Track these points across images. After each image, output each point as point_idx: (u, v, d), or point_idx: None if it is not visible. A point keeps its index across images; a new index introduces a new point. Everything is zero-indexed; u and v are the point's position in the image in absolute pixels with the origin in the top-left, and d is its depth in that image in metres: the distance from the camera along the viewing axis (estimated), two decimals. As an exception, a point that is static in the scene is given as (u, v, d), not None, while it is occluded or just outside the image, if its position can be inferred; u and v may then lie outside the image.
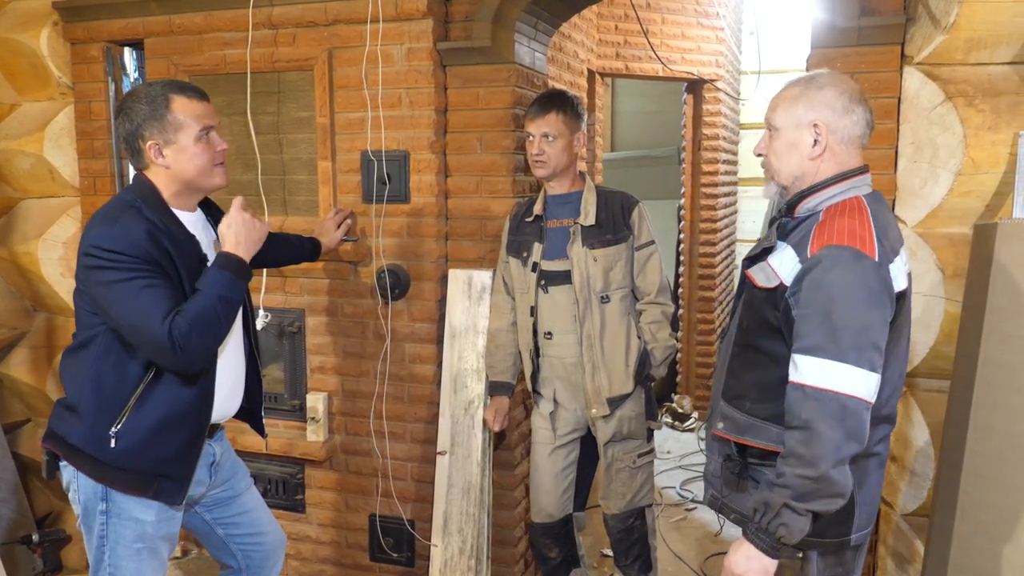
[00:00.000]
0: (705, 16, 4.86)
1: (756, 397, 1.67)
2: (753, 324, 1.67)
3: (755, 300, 1.66)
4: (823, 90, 1.62)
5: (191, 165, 1.87)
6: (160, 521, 1.89)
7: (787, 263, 1.60)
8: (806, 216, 1.65)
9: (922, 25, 2.19)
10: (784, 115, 1.65)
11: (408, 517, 2.88)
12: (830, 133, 1.62)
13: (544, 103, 2.47)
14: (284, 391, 2.98)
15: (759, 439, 1.67)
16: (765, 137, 1.71)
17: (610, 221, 2.48)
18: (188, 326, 1.74)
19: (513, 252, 2.56)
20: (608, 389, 2.48)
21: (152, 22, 2.95)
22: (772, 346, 1.64)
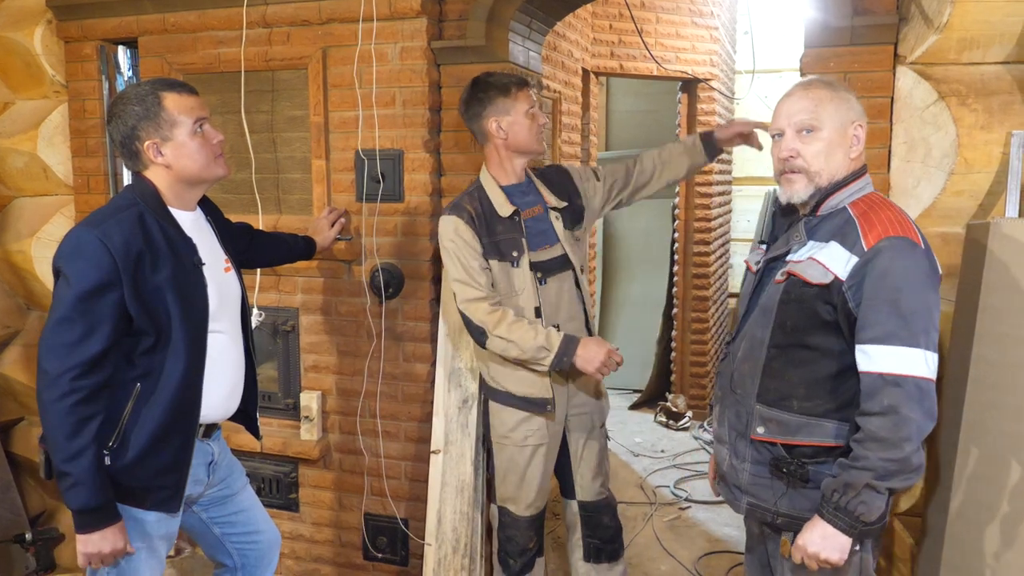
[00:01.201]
0: (699, 15, 4.86)
1: (805, 395, 1.68)
2: (801, 322, 1.67)
3: (804, 297, 1.66)
4: (847, 93, 1.70)
5: (191, 160, 1.87)
6: (159, 520, 1.89)
7: (837, 257, 1.62)
8: (829, 213, 1.69)
9: (915, 25, 2.20)
10: (830, 116, 1.68)
11: (402, 516, 2.89)
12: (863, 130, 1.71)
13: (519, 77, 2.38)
14: (278, 390, 2.98)
15: (814, 437, 1.68)
16: (794, 137, 1.70)
17: (568, 197, 2.44)
18: (69, 405, 1.70)
19: (495, 256, 2.34)
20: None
21: (146, 20, 2.95)
22: (824, 341, 1.66)
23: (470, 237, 2.31)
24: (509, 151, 2.36)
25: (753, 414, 1.75)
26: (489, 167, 2.42)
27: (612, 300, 6.18)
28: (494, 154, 2.39)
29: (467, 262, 2.30)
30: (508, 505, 2.52)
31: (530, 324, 2.26)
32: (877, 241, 1.58)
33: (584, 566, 2.60)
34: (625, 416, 5.46)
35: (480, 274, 2.31)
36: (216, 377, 1.94)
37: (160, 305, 1.80)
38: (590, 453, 2.53)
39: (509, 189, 2.39)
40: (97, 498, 1.73)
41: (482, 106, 2.33)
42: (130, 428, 1.80)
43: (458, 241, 2.31)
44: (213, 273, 1.94)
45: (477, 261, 2.31)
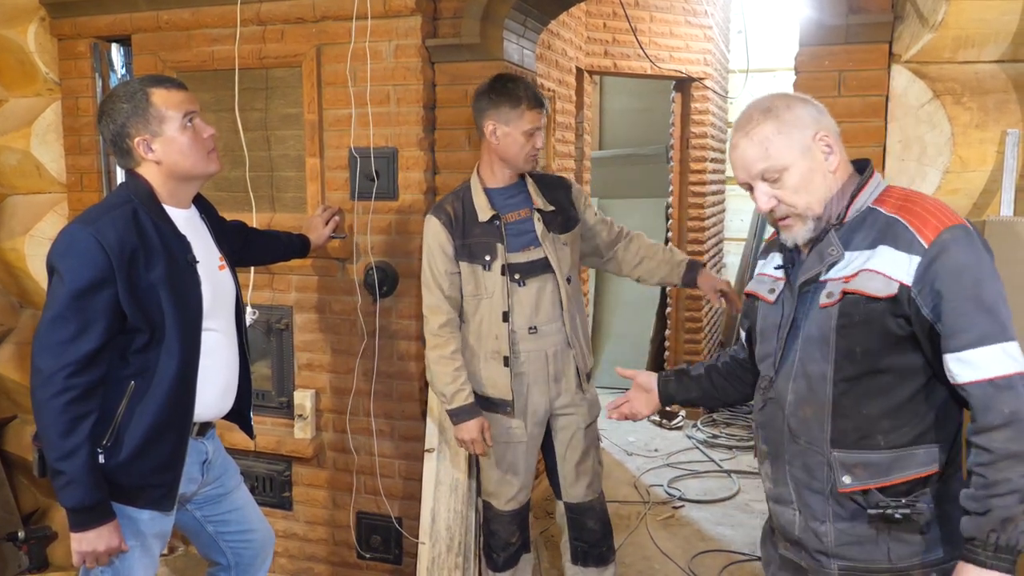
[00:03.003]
0: (693, 14, 4.87)
1: (890, 427, 1.47)
2: (872, 344, 1.46)
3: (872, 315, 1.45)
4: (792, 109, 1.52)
5: (181, 155, 1.86)
6: (153, 519, 1.88)
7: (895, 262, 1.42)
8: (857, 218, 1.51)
9: (910, 23, 2.21)
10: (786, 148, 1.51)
11: (396, 514, 2.88)
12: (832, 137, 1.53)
13: (537, 94, 2.37)
14: (272, 388, 2.97)
15: (909, 470, 1.46)
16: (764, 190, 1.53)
17: (560, 204, 2.48)
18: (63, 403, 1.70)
19: (466, 258, 2.38)
20: (585, 365, 2.52)
21: (140, 18, 2.94)
22: (901, 360, 1.46)
23: (444, 240, 2.38)
24: (497, 157, 2.39)
25: (832, 464, 1.50)
26: (480, 166, 2.44)
27: (606, 299, 6.18)
28: (486, 154, 2.42)
29: (435, 266, 2.39)
30: (491, 500, 2.55)
31: (456, 369, 2.37)
32: (937, 235, 1.40)
33: (572, 568, 2.61)
34: (619, 415, 5.46)
35: (444, 278, 2.39)
36: (210, 375, 1.93)
37: (154, 303, 1.79)
38: (573, 454, 2.53)
39: (494, 192, 2.42)
40: (91, 496, 1.72)
41: (488, 106, 2.34)
42: (124, 426, 1.80)
43: (432, 244, 2.39)
44: (207, 271, 1.93)
45: (445, 265, 2.39)
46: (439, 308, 2.39)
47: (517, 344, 2.42)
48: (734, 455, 4.62)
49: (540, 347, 2.45)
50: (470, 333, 2.44)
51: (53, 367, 1.69)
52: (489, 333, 2.41)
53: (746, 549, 3.47)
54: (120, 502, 1.81)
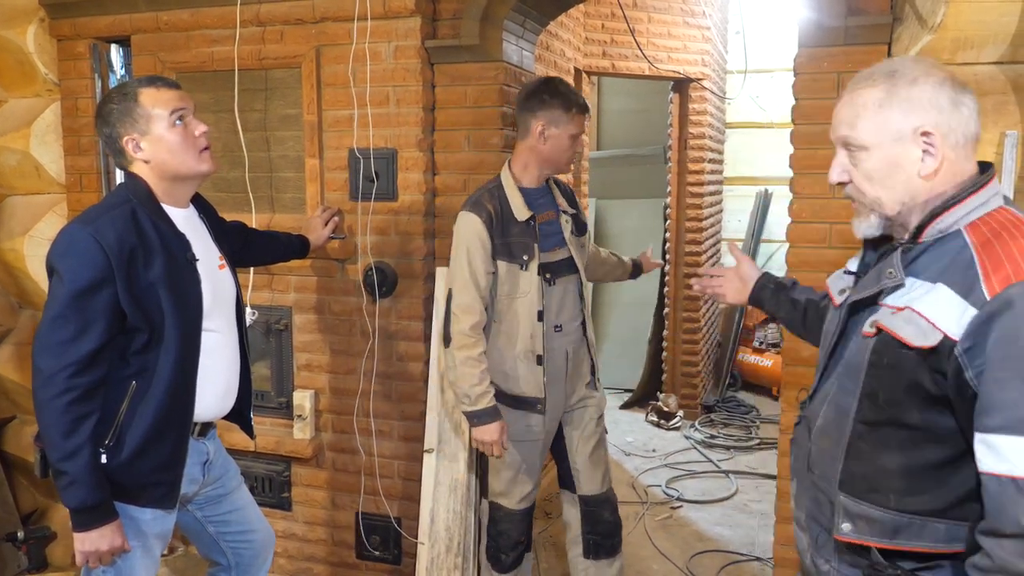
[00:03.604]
0: (691, 15, 4.88)
1: (905, 488, 1.27)
2: (897, 394, 1.26)
3: (902, 362, 1.24)
4: (918, 85, 1.24)
5: (170, 154, 1.86)
6: (155, 519, 1.89)
7: (948, 308, 1.18)
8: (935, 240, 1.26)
9: (909, 25, 2.21)
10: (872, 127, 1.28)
11: (395, 515, 2.89)
12: (943, 139, 1.24)
13: (584, 101, 2.46)
14: (271, 389, 2.98)
15: (921, 541, 1.27)
16: (842, 160, 1.34)
17: (574, 205, 2.58)
18: (65, 403, 1.70)
19: (505, 257, 2.37)
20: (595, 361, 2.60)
21: (139, 19, 2.94)
22: (929, 419, 1.24)
23: (485, 238, 2.34)
24: (539, 158, 2.41)
25: (836, 506, 1.34)
26: (513, 165, 2.45)
27: (604, 300, 6.19)
28: (524, 154, 2.43)
29: (475, 264, 2.33)
30: (500, 500, 2.54)
31: (482, 372, 2.33)
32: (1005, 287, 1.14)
33: (583, 562, 2.61)
34: (617, 415, 5.47)
35: (483, 278, 2.35)
36: (211, 376, 1.94)
37: (154, 302, 1.80)
38: (586, 446, 2.56)
39: (528, 192, 2.43)
40: (94, 496, 1.73)
41: (539, 106, 2.37)
42: (126, 426, 1.80)
43: (474, 241, 2.34)
44: (207, 270, 1.93)
45: (485, 264, 2.35)
46: (473, 308, 2.33)
47: (547, 341, 2.43)
48: (732, 455, 4.63)
49: (562, 345, 2.48)
50: (500, 333, 2.41)
51: (54, 368, 1.70)
52: (523, 333, 2.40)
53: (744, 549, 3.48)
54: (122, 501, 1.81)
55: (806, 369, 2.49)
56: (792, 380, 2.53)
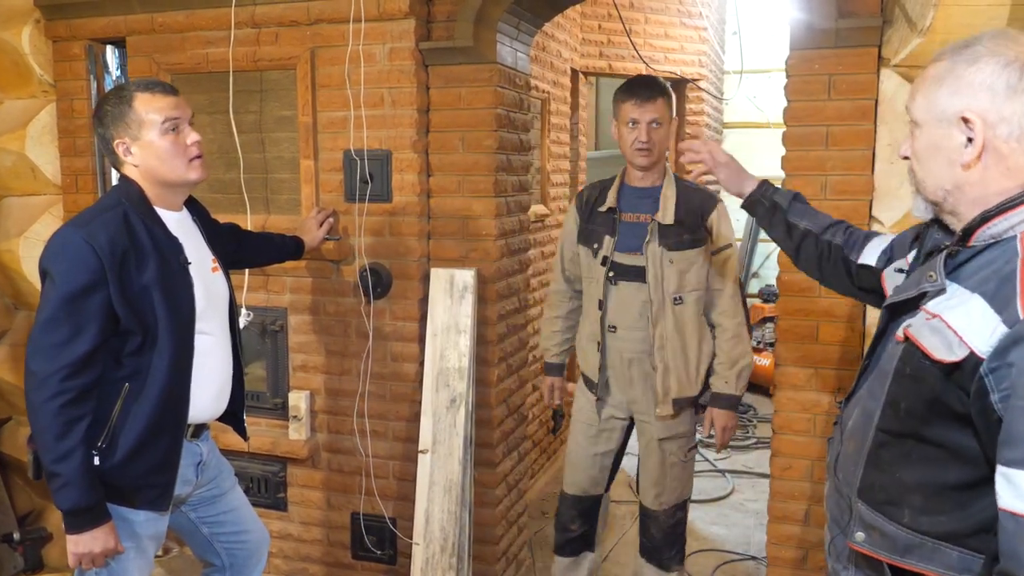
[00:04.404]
0: (688, 16, 4.89)
1: (923, 506, 1.19)
2: (918, 407, 1.17)
3: (924, 375, 1.15)
4: (977, 63, 1.12)
5: (159, 160, 1.87)
6: (148, 521, 1.89)
7: (979, 322, 1.08)
8: (987, 246, 1.15)
9: (899, 28, 2.22)
10: (924, 104, 1.18)
11: (390, 515, 2.90)
12: (989, 128, 1.12)
13: (650, 87, 2.42)
14: (266, 390, 2.98)
15: (932, 564, 1.19)
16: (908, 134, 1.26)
17: (689, 221, 2.43)
18: (58, 406, 1.70)
19: (583, 241, 2.55)
20: (676, 391, 2.47)
21: (134, 20, 2.94)
22: (951, 437, 1.15)
23: (572, 220, 2.63)
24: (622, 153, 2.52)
25: (853, 513, 1.29)
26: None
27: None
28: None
29: (563, 241, 2.67)
30: (564, 482, 2.73)
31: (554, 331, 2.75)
32: None
33: (638, 560, 2.71)
34: (614, 415, 5.47)
35: (567, 253, 2.64)
36: (204, 378, 1.95)
37: (147, 305, 1.80)
38: (646, 461, 2.60)
39: (629, 189, 2.52)
40: (87, 498, 1.74)
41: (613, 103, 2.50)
42: (119, 428, 1.81)
43: (567, 221, 2.67)
44: (200, 273, 1.94)
45: (569, 245, 2.63)
46: (557, 277, 2.71)
47: (605, 335, 2.52)
48: (729, 455, 4.64)
49: (618, 348, 2.52)
50: (582, 312, 2.64)
51: (48, 370, 1.70)
52: (590, 316, 2.57)
53: (739, 548, 3.49)
54: (116, 503, 1.82)
55: (798, 369, 2.50)
56: (784, 380, 2.54)
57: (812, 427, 2.51)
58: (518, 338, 3.05)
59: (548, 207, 4.07)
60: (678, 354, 2.45)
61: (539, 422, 4.11)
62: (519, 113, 2.94)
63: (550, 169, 4.10)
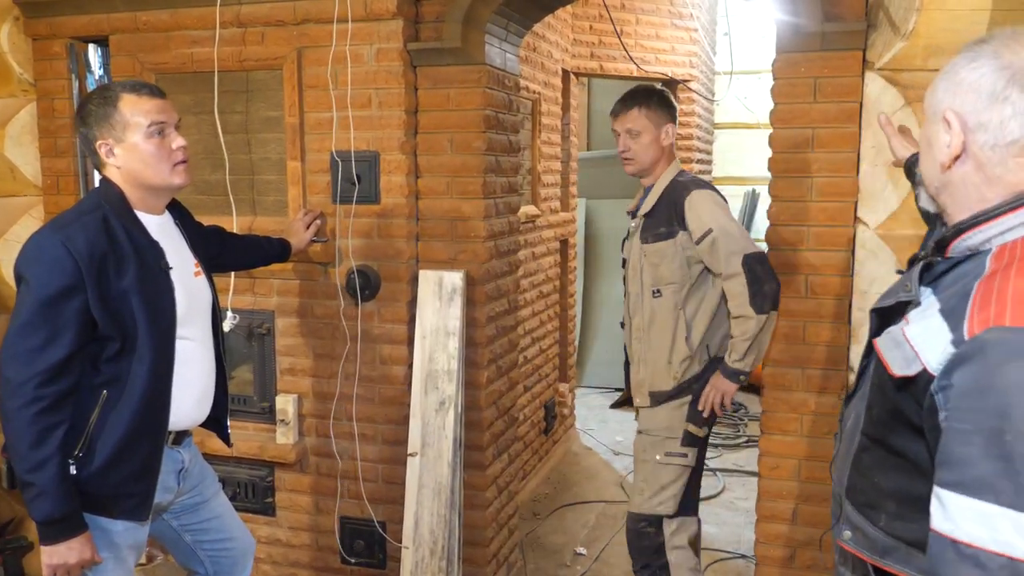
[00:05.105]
0: (679, 17, 4.88)
1: (896, 511, 1.20)
2: (884, 416, 1.18)
3: (886, 387, 1.16)
4: (976, 62, 1.08)
5: (142, 163, 1.84)
6: (127, 530, 1.86)
7: (934, 339, 1.06)
8: (963, 259, 1.12)
9: (883, 31, 2.22)
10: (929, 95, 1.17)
11: (379, 519, 2.88)
12: (969, 132, 1.09)
13: (625, 99, 2.50)
14: (253, 393, 2.96)
15: (908, 568, 1.19)
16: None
17: (665, 213, 2.45)
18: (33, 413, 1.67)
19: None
20: (650, 383, 2.49)
21: (117, 19, 2.92)
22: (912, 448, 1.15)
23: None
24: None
25: (842, 511, 1.31)
26: None
27: (593, 299, 6.19)
28: None
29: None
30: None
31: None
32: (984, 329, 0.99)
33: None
34: (607, 415, 5.48)
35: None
36: (185, 383, 1.92)
37: (126, 310, 1.78)
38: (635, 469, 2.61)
39: (644, 190, 2.60)
40: (62, 508, 1.71)
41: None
42: (96, 436, 1.78)
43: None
44: (182, 278, 1.92)
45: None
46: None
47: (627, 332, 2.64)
48: (719, 453, 4.64)
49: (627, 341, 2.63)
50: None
51: (22, 377, 1.68)
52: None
53: (730, 547, 3.49)
54: (93, 513, 1.79)
55: (786, 370, 2.50)
56: (772, 381, 2.54)
57: (800, 427, 2.51)
58: (508, 340, 3.04)
59: (539, 208, 4.06)
60: (652, 346, 2.47)
61: (530, 423, 4.10)
62: (508, 114, 2.93)
63: (541, 170, 4.09)
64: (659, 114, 2.47)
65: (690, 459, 2.49)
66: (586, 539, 3.61)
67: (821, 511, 2.49)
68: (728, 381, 2.39)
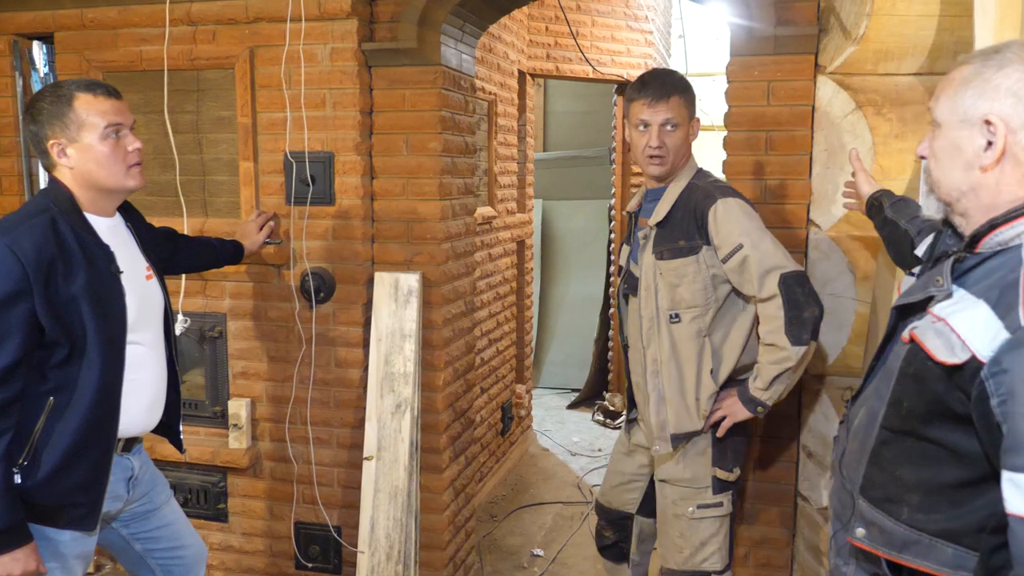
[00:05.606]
0: (634, 19, 4.92)
1: (920, 504, 1.23)
2: (920, 406, 1.21)
3: (926, 375, 1.19)
4: (1005, 69, 1.14)
5: (97, 165, 1.80)
6: (74, 540, 1.81)
7: (982, 328, 1.11)
8: (994, 253, 1.17)
9: (834, 36, 2.27)
10: (948, 105, 1.20)
11: (334, 523, 2.85)
12: (1011, 133, 1.14)
13: (663, 85, 2.07)
14: (205, 398, 2.91)
15: (927, 561, 1.22)
16: (928, 135, 1.27)
17: (684, 223, 2.07)
18: None
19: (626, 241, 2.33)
20: (674, 424, 2.10)
21: (63, 15, 2.84)
22: (950, 437, 1.18)
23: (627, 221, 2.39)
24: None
25: (855, 510, 1.33)
26: None
27: (550, 300, 6.21)
28: None
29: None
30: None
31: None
32: None
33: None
34: (564, 416, 5.50)
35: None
36: (136, 389, 1.88)
37: (74, 315, 1.73)
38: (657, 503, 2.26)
39: (650, 192, 2.21)
40: (6, 519, 1.65)
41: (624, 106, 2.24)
42: (42, 444, 1.73)
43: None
44: (132, 281, 1.87)
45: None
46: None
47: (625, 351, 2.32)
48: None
49: (631, 368, 2.28)
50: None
51: None
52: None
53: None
54: (39, 523, 1.74)
55: (740, 372, 2.53)
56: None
57: (755, 428, 2.54)
58: (465, 342, 3.03)
59: (495, 209, 4.06)
60: (674, 381, 2.08)
61: (487, 425, 4.09)
62: (464, 115, 2.92)
63: (497, 171, 4.09)
64: (692, 105, 2.14)
65: (727, 507, 2.16)
66: (543, 540, 3.61)
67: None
68: (743, 408, 2.04)
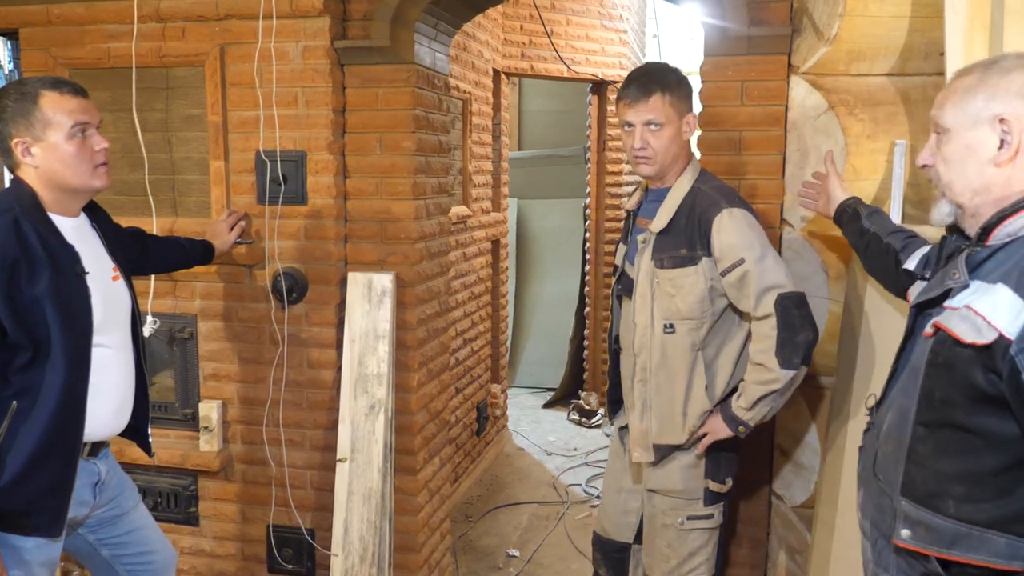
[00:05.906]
0: (609, 19, 4.93)
1: (964, 495, 1.24)
2: (953, 394, 1.24)
3: (956, 361, 1.23)
4: (1010, 74, 1.24)
5: (63, 164, 1.77)
6: (39, 547, 1.77)
7: (1005, 307, 1.17)
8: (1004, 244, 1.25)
9: (807, 36, 2.28)
10: (955, 111, 1.28)
11: (307, 526, 2.82)
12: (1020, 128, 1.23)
13: (644, 84, 2.00)
14: (175, 400, 2.86)
15: (978, 554, 1.23)
16: (930, 143, 1.34)
17: (687, 231, 2.00)
18: None
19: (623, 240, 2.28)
20: (656, 434, 2.07)
21: (28, 11, 2.78)
22: (987, 423, 1.21)
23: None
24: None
25: (897, 512, 1.32)
26: None
27: (525, 299, 6.21)
28: None
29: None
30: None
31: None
32: None
33: None
34: (539, 415, 5.50)
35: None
36: (102, 393, 1.84)
37: (38, 318, 1.69)
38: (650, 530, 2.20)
39: (651, 192, 2.18)
40: None
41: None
42: (5, 449, 1.69)
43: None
44: (98, 283, 1.84)
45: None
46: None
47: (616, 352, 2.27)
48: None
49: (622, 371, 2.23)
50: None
51: None
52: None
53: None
54: (2, 530, 1.70)
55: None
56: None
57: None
58: (439, 342, 3.01)
59: (470, 208, 4.04)
60: (662, 391, 2.05)
61: (463, 425, 4.07)
62: (438, 114, 2.90)
63: (472, 170, 4.07)
64: (683, 101, 2.04)
65: (717, 518, 2.14)
66: (519, 540, 3.61)
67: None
68: (725, 427, 2.01)
